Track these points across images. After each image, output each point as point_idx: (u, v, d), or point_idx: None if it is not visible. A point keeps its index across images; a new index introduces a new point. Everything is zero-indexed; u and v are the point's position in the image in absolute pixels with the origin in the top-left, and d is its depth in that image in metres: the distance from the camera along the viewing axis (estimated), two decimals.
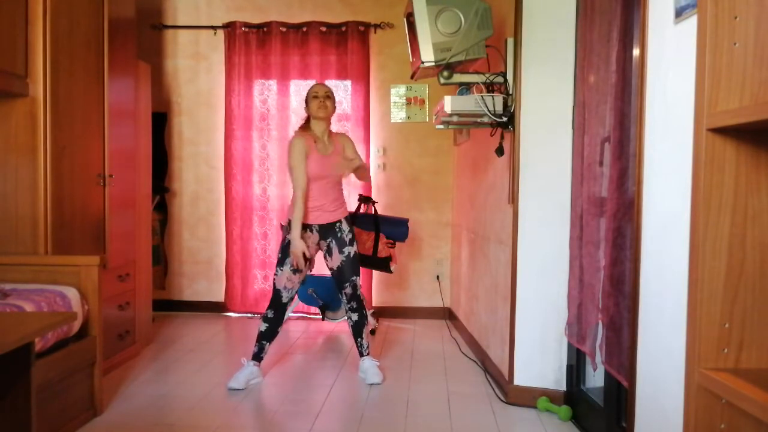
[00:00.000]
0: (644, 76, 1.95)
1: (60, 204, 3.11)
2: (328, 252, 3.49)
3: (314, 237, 3.45)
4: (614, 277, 2.25)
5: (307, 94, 3.52)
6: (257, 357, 3.43)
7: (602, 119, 2.47)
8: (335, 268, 3.49)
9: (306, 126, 3.51)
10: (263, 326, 3.44)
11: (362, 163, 3.47)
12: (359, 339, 3.56)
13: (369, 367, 3.50)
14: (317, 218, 3.43)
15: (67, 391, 2.70)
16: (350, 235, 3.50)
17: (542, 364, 3.05)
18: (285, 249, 3.42)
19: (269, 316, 3.43)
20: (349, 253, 3.47)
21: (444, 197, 5.18)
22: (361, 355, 3.56)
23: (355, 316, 3.53)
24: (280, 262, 3.42)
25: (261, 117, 5.16)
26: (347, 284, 3.49)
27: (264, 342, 3.43)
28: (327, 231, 3.46)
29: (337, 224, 3.47)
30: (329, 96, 3.48)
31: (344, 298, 3.52)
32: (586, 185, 2.63)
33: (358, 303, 3.52)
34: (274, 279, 3.45)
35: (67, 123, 3.18)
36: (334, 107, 3.54)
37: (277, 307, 3.43)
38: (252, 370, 3.39)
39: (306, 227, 3.41)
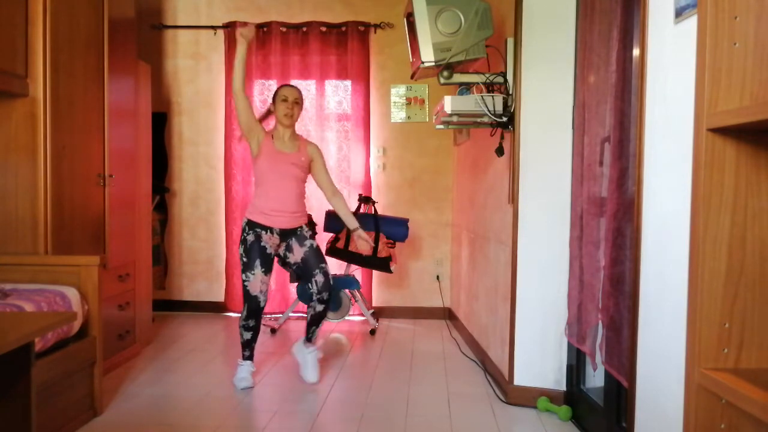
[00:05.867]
0: (644, 76, 1.95)
1: (60, 204, 3.11)
2: (288, 249, 3.37)
3: (275, 239, 3.34)
4: (614, 277, 2.25)
5: (275, 95, 3.40)
6: (251, 357, 3.43)
7: (602, 119, 2.47)
8: (299, 261, 3.37)
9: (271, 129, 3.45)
10: (247, 335, 3.36)
11: (346, 213, 3.46)
12: (313, 327, 3.44)
13: (311, 359, 3.42)
14: (279, 222, 3.32)
15: (67, 391, 2.70)
16: (310, 233, 3.42)
17: (542, 364, 3.05)
18: (249, 251, 3.28)
19: (251, 324, 3.34)
20: (311, 244, 3.39)
21: (444, 197, 5.18)
22: (308, 341, 3.46)
23: (319, 307, 3.38)
24: (248, 266, 3.28)
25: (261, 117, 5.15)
26: (317, 271, 3.34)
27: (253, 345, 3.41)
28: (287, 234, 3.37)
29: (298, 229, 3.40)
30: (298, 102, 3.38)
31: (315, 287, 3.34)
32: (586, 185, 2.63)
33: (328, 295, 3.37)
34: (245, 285, 3.29)
35: (67, 123, 3.18)
36: (300, 111, 3.44)
37: (257, 314, 3.33)
38: (250, 367, 3.40)
39: (267, 229, 3.31)
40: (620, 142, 2.22)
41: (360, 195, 4.74)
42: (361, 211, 4.63)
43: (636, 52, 2.13)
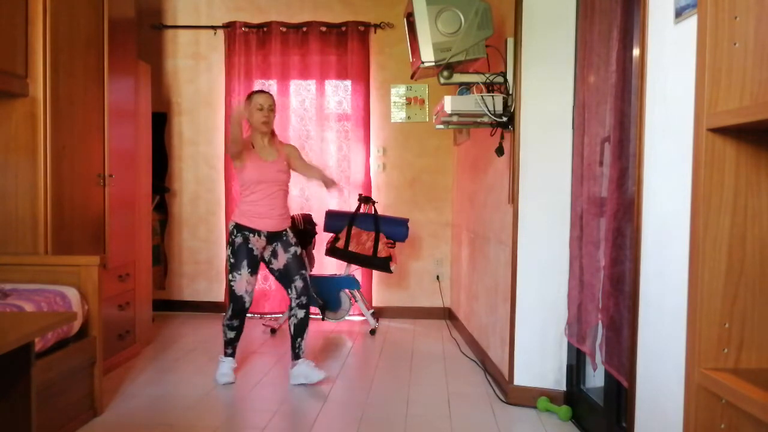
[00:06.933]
0: (644, 76, 1.95)
1: (60, 204, 3.11)
2: (274, 255, 3.41)
3: (262, 241, 3.38)
4: (614, 277, 2.25)
5: (250, 102, 3.38)
6: (233, 355, 3.51)
7: (602, 119, 2.47)
8: (282, 267, 3.41)
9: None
10: (231, 334, 3.44)
11: (322, 174, 3.46)
12: (299, 340, 3.42)
13: (306, 369, 3.38)
14: (266, 225, 3.36)
15: (67, 391, 2.70)
16: (294, 239, 3.48)
17: (542, 364, 3.05)
18: (236, 252, 3.32)
19: (235, 324, 3.42)
20: (295, 251, 3.45)
21: (444, 197, 5.18)
22: (297, 357, 3.42)
23: (301, 313, 3.41)
24: (235, 267, 3.33)
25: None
26: (297, 277, 3.40)
27: (235, 343, 3.50)
28: (274, 237, 3.42)
29: (284, 232, 3.45)
30: (272, 109, 3.41)
31: (294, 292, 3.40)
32: (586, 185, 2.63)
33: (308, 299, 3.44)
34: (231, 285, 3.34)
35: (67, 123, 3.18)
36: (275, 115, 3.46)
37: (242, 314, 3.41)
38: (232, 363, 3.48)
39: (255, 232, 3.34)
40: (620, 142, 2.22)
41: (360, 195, 4.74)
42: (361, 211, 4.63)
43: (636, 52, 2.13)
